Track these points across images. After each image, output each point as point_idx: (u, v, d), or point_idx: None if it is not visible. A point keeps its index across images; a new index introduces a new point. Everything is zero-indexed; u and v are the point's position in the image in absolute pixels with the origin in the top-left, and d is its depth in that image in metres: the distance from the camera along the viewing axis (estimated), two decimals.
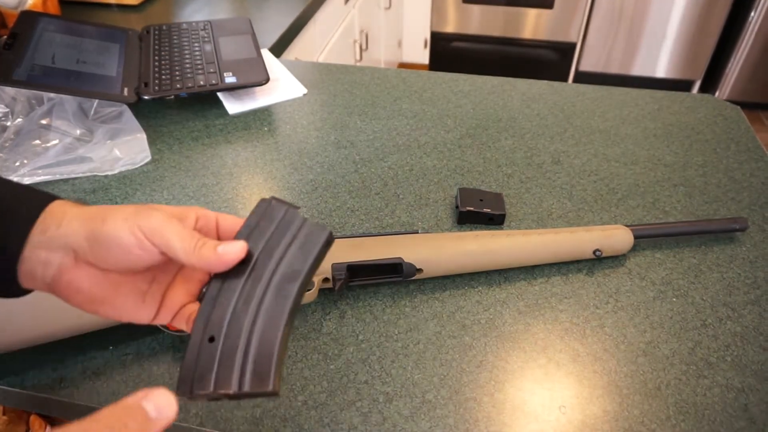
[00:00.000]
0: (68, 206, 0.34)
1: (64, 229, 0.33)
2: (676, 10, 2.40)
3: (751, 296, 0.58)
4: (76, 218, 0.33)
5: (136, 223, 0.32)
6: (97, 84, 0.81)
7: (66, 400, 0.49)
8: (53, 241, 0.33)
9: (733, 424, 0.47)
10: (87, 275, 0.34)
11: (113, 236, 0.32)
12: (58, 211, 0.34)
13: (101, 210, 0.34)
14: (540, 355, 0.53)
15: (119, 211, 0.33)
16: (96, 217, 0.33)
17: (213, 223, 0.36)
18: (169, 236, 0.33)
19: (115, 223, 0.33)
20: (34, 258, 0.33)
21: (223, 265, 0.33)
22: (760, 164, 0.77)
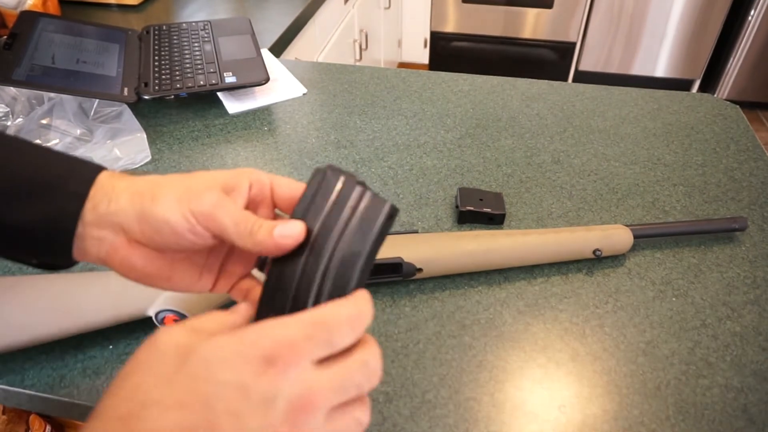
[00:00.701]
0: (116, 179, 0.33)
1: (114, 206, 0.32)
2: (676, 9, 2.40)
3: (750, 296, 0.58)
4: (125, 193, 0.32)
5: (188, 207, 0.31)
6: (97, 84, 0.81)
7: (66, 399, 0.49)
8: (104, 218, 0.32)
9: (732, 424, 0.47)
10: (140, 254, 0.33)
11: (163, 219, 0.31)
12: (108, 184, 0.32)
13: (150, 184, 0.32)
14: (540, 355, 0.53)
15: (170, 188, 0.32)
16: (145, 192, 0.32)
17: (267, 189, 0.34)
18: (222, 220, 0.31)
19: (165, 204, 0.31)
20: (86, 235, 0.32)
21: (280, 250, 0.31)
22: (759, 163, 0.77)
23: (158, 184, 0.32)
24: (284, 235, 0.30)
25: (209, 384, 0.24)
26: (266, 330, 0.26)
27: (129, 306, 0.51)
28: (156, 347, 0.26)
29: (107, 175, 0.33)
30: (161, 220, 0.31)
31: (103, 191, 0.32)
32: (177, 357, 0.25)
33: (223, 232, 0.31)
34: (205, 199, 0.31)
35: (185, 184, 0.32)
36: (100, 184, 0.32)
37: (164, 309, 0.50)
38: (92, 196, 0.32)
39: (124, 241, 0.32)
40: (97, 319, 0.50)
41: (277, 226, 0.30)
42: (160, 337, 0.26)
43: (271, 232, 0.30)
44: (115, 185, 0.32)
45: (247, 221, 0.31)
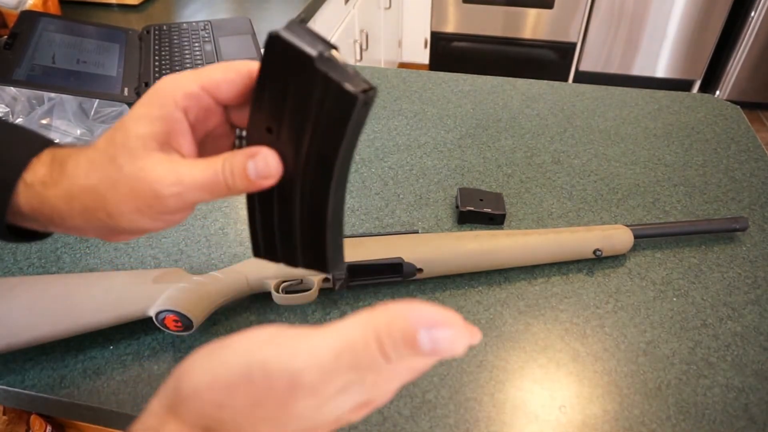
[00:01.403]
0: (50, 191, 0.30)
1: (71, 222, 0.31)
2: (676, 9, 2.40)
3: (751, 296, 0.58)
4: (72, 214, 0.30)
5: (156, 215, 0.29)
6: (98, 84, 0.81)
7: (66, 399, 0.49)
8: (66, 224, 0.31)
9: (733, 424, 0.47)
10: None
11: (136, 228, 0.30)
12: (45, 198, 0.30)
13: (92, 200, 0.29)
14: (540, 355, 0.53)
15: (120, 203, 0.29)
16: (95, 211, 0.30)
17: (206, 99, 0.29)
18: (198, 198, 0.29)
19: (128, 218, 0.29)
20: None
21: (261, 189, 0.29)
22: (760, 164, 0.77)
23: (101, 198, 0.29)
24: (262, 176, 0.28)
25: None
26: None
27: (129, 306, 0.51)
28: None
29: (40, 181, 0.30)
30: (135, 229, 0.30)
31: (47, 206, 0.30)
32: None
33: (205, 200, 0.29)
34: (167, 200, 0.28)
35: (131, 192, 0.29)
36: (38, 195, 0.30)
37: (164, 309, 0.50)
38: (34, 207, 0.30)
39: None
40: (98, 319, 0.50)
41: (249, 164, 0.28)
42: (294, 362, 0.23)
43: (247, 176, 0.28)
44: (55, 204, 0.30)
45: (216, 180, 0.28)
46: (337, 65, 0.25)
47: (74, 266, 0.61)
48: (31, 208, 0.30)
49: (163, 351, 0.53)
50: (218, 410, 0.23)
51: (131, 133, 0.28)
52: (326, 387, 0.22)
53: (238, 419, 0.23)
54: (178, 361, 0.52)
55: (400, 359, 0.22)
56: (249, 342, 0.24)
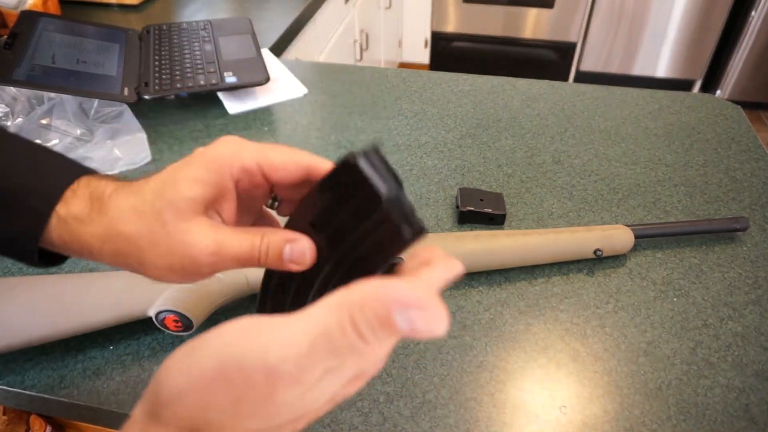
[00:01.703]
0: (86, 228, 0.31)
1: (99, 258, 0.31)
2: (677, 9, 2.39)
3: (752, 296, 0.58)
4: (103, 253, 0.31)
5: (188, 278, 0.30)
6: (98, 84, 0.81)
7: (66, 400, 0.49)
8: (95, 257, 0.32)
9: (734, 424, 0.47)
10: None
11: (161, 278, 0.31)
12: (79, 234, 0.31)
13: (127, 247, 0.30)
14: (540, 355, 0.53)
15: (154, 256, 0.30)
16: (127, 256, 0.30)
17: (258, 177, 0.30)
18: (229, 267, 0.30)
19: (159, 273, 0.30)
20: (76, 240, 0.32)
21: (288, 269, 0.29)
22: (760, 164, 0.77)
23: (137, 247, 0.30)
24: (295, 261, 0.29)
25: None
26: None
27: (129, 306, 0.50)
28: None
29: (74, 217, 0.31)
30: (154, 279, 0.31)
31: (78, 243, 0.31)
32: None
33: (233, 268, 0.30)
34: (202, 266, 0.29)
35: (169, 250, 0.29)
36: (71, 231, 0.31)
37: (164, 309, 0.50)
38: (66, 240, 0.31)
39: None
40: (98, 319, 0.50)
41: (285, 248, 0.29)
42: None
43: (281, 256, 0.29)
44: (88, 241, 0.31)
45: (252, 255, 0.29)
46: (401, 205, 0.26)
47: (74, 266, 0.61)
48: (62, 241, 0.31)
49: (163, 351, 0.53)
50: (202, 411, 0.23)
51: (182, 194, 0.30)
52: (306, 375, 0.22)
53: (223, 418, 0.23)
54: None
55: (379, 341, 0.22)
56: (222, 338, 0.24)
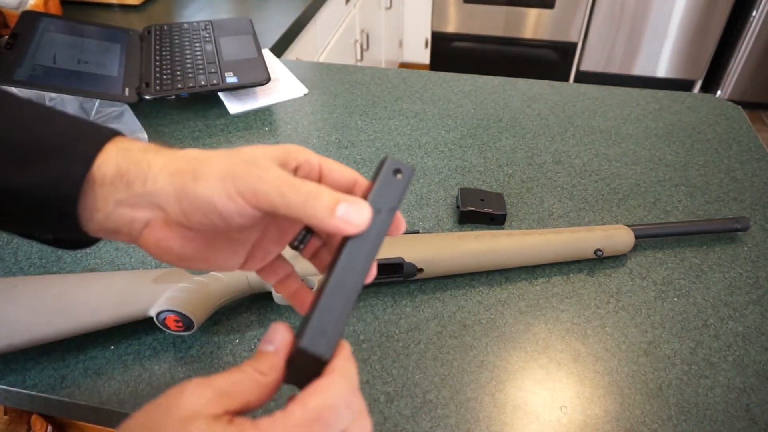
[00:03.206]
0: (151, 152, 0.30)
1: (152, 185, 0.29)
2: (677, 9, 2.39)
3: (752, 296, 0.58)
4: (163, 171, 0.29)
5: (233, 186, 0.28)
6: (99, 84, 0.81)
7: (67, 399, 0.49)
8: (140, 198, 0.29)
9: (734, 425, 0.47)
10: (178, 236, 0.31)
11: (208, 200, 0.28)
12: (143, 160, 0.30)
13: (190, 160, 0.29)
14: (541, 355, 0.53)
15: (212, 165, 0.29)
16: (186, 170, 0.29)
17: (316, 172, 0.31)
18: (269, 192, 0.28)
19: (208, 183, 0.28)
20: (117, 215, 0.30)
21: (339, 231, 0.28)
22: (761, 164, 0.77)
23: (199, 160, 0.29)
24: (347, 221, 0.27)
25: None
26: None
27: (130, 306, 0.51)
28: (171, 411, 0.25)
29: (138, 148, 0.30)
30: (206, 201, 0.28)
31: (138, 167, 0.29)
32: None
33: (271, 205, 0.28)
34: (250, 175, 0.28)
35: (228, 160, 0.29)
36: (133, 158, 0.30)
37: (165, 309, 0.50)
38: (122, 172, 0.29)
39: (161, 222, 0.30)
40: (99, 319, 0.50)
41: (341, 205, 0.27)
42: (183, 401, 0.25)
43: (333, 210, 0.27)
44: (151, 161, 0.30)
45: (295, 189, 0.28)
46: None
47: (75, 266, 0.61)
48: (118, 169, 0.29)
49: (164, 351, 0.53)
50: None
51: (257, 151, 0.30)
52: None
53: None
54: (178, 361, 0.52)
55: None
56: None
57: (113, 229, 0.31)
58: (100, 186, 0.29)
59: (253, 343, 0.54)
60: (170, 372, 0.51)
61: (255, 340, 0.54)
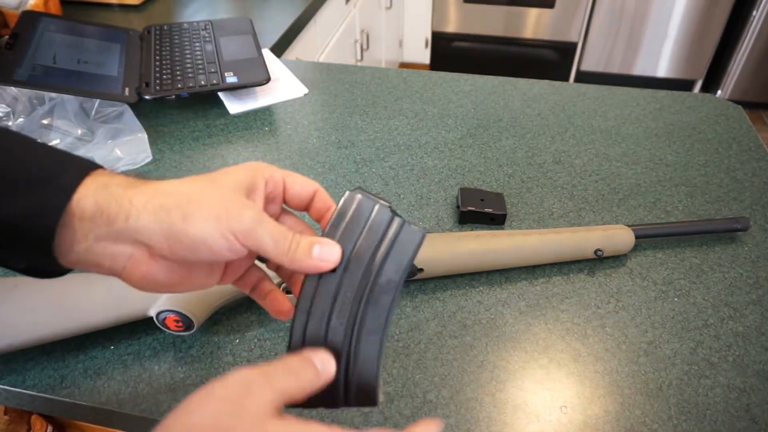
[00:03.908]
0: (131, 189, 0.31)
1: (134, 222, 0.30)
2: (678, 9, 2.39)
3: (753, 296, 0.58)
4: (147, 208, 0.30)
5: (227, 226, 0.30)
6: (99, 84, 0.81)
7: (67, 399, 0.49)
8: (122, 234, 0.30)
9: (735, 425, 0.47)
10: (163, 267, 0.32)
11: (201, 239, 0.30)
12: (122, 196, 0.30)
13: (175, 197, 0.31)
14: (541, 355, 0.53)
15: (202, 205, 0.30)
16: (172, 209, 0.30)
17: (280, 187, 0.35)
18: (263, 239, 0.31)
19: (201, 224, 0.30)
20: (99, 249, 0.31)
21: (317, 270, 0.32)
22: (761, 164, 0.77)
23: (186, 197, 0.31)
24: (323, 259, 0.31)
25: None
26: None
27: (130, 306, 0.51)
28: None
29: (117, 183, 0.31)
30: (198, 240, 0.30)
31: (119, 204, 0.30)
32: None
33: (261, 248, 0.31)
34: (245, 217, 0.31)
35: (217, 201, 0.31)
36: (113, 194, 0.30)
37: (165, 309, 0.50)
38: (102, 208, 0.30)
39: (145, 256, 0.31)
40: (99, 319, 0.50)
41: (315, 247, 0.31)
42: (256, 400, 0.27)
43: (310, 253, 0.31)
44: (132, 198, 0.30)
45: (285, 238, 0.31)
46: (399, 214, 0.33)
47: None
48: (96, 205, 0.30)
49: (164, 351, 0.53)
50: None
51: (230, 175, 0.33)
52: None
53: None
54: (178, 361, 0.52)
55: None
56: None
57: (94, 262, 0.31)
58: (79, 220, 0.30)
59: (253, 343, 0.54)
60: (170, 372, 0.51)
61: (255, 340, 0.54)
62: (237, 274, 0.37)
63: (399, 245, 0.32)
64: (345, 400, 0.31)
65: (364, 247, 0.32)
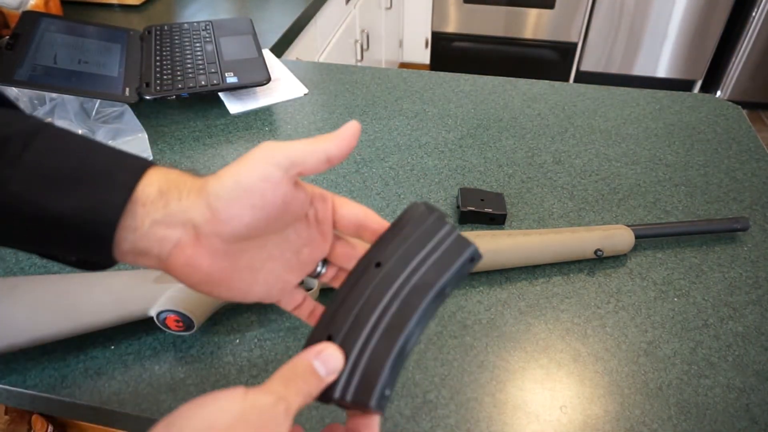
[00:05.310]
0: (185, 176, 0.32)
1: (186, 202, 0.31)
2: (677, 9, 2.39)
3: (752, 296, 0.58)
4: (194, 188, 0.31)
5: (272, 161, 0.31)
6: (99, 84, 0.81)
7: (68, 399, 0.49)
8: (174, 216, 0.31)
9: (734, 424, 0.47)
10: (207, 251, 0.32)
11: (235, 182, 0.30)
12: (179, 181, 0.31)
13: (220, 173, 0.32)
14: (541, 355, 0.53)
15: (228, 167, 0.31)
16: (209, 179, 0.31)
17: (329, 208, 0.35)
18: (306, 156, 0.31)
19: (231, 172, 0.31)
20: (151, 234, 0.31)
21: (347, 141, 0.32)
22: (761, 164, 0.77)
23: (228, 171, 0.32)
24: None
25: None
26: None
27: (131, 306, 0.51)
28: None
29: (178, 172, 0.32)
30: (234, 184, 0.30)
31: (177, 187, 0.31)
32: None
33: (310, 164, 0.31)
34: (284, 152, 0.31)
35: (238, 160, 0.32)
36: (173, 179, 0.31)
37: (166, 309, 0.50)
38: (162, 194, 0.31)
39: (191, 238, 0.31)
40: (99, 319, 0.50)
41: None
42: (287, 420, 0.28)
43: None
44: (186, 182, 0.31)
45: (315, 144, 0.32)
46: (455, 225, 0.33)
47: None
48: (160, 188, 0.31)
49: (165, 351, 0.53)
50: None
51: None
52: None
53: None
54: (179, 361, 0.52)
55: None
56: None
57: (144, 249, 0.31)
58: (142, 206, 0.31)
59: (253, 343, 0.54)
60: (170, 372, 0.51)
61: (255, 340, 0.54)
62: (283, 292, 0.36)
63: (446, 253, 0.32)
64: (344, 393, 0.30)
65: (411, 251, 0.32)
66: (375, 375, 0.30)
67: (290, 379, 0.29)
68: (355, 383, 0.30)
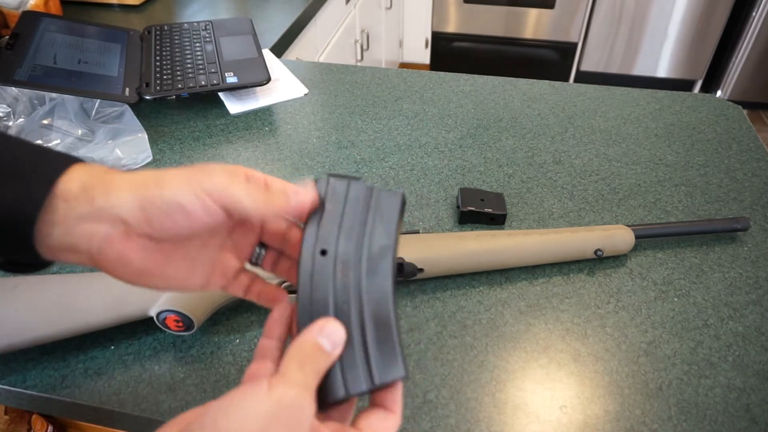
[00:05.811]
0: (112, 173, 0.31)
1: (115, 198, 0.30)
2: (678, 9, 2.39)
3: (752, 296, 0.58)
4: (125, 185, 0.31)
5: (200, 185, 0.30)
6: (99, 84, 0.81)
7: (68, 399, 0.49)
8: (102, 211, 0.30)
9: (735, 425, 0.47)
10: (137, 246, 0.31)
11: (175, 202, 0.30)
12: (106, 177, 0.31)
13: (152, 175, 0.31)
14: (541, 355, 0.53)
15: (175, 174, 0.31)
16: (148, 183, 0.31)
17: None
18: (235, 194, 0.31)
19: (174, 186, 0.30)
20: (78, 230, 0.30)
21: (299, 211, 0.32)
22: (761, 164, 0.77)
23: (161, 174, 0.31)
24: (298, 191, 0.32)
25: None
26: None
27: (130, 306, 0.51)
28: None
29: (103, 168, 0.32)
30: (172, 202, 0.30)
31: (102, 183, 0.31)
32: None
33: (238, 206, 0.31)
34: (216, 176, 0.31)
35: (191, 169, 0.32)
36: (98, 175, 0.31)
37: (166, 309, 0.50)
38: (85, 189, 0.30)
39: (121, 234, 0.31)
40: (99, 319, 0.50)
41: (289, 188, 0.32)
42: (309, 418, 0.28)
43: (285, 193, 0.32)
44: (114, 178, 0.31)
45: (258, 191, 0.31)
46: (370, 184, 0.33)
47: (75, 266, 0.61)
48: (82, 186, 0.30)
49: (164, 351, 0.53)
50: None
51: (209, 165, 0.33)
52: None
53: None
54: (179, 361, 0.52)
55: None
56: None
57: (71, 245, 0.31)
58: (64, 201, 0.30)
59: (253, 343, 0.54)
60: (170, 372, 0.51)
61: (255, 340, 0.54)
62: (225, 279, 0.36)
63: (382, 212, 0.32)
64: (371, 379, 0.30)
65: (349, 224, 0.32)
66: (390, 348, 0.30)
67: (304, 362, 0.29)
68: (375, 365, 0.30)
